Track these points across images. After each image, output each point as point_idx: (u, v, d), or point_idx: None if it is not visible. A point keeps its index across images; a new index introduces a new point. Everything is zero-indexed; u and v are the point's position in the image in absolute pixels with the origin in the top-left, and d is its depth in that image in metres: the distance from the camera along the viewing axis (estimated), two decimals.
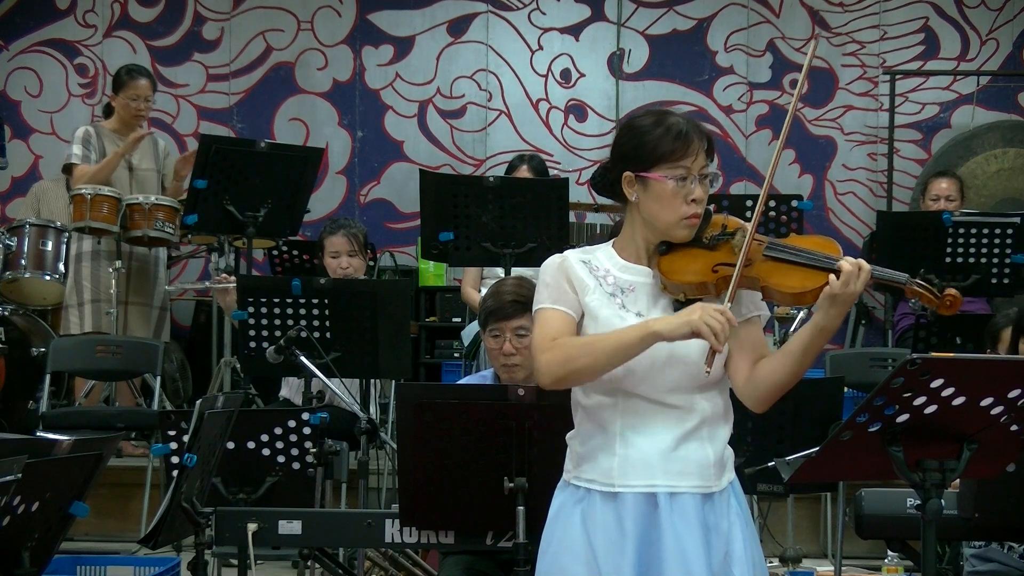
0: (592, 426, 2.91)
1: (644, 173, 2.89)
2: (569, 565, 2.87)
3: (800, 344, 2.82)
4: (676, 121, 2.90)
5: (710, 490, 2.89)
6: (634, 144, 2.91)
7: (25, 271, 7.17)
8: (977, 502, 3.66)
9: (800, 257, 2.85)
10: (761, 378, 2.87)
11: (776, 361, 2.87)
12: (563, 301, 2.92)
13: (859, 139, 8.80)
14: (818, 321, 2.79)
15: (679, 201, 2.87)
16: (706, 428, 2.90)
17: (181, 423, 4.19)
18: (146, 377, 6.85)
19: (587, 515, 2.88)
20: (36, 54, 8.92)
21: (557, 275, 2.94)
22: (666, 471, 2.85)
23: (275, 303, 5.21)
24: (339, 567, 4.15)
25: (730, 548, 2.87)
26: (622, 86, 8.87)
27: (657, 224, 2.91)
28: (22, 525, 2.78)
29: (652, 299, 2.92)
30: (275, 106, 8.87)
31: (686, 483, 2.86)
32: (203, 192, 6.25)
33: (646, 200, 2.91)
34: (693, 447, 2.88)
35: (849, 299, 2.77)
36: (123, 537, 6.27)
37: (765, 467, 4.27)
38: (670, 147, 2.87)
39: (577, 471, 2.93)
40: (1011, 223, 6.23)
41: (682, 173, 2.87)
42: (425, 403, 3.54)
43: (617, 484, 2.86)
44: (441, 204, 5.84)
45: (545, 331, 2.90)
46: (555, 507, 2.97)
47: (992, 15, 8.80)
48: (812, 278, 2.81)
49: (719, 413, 2.93)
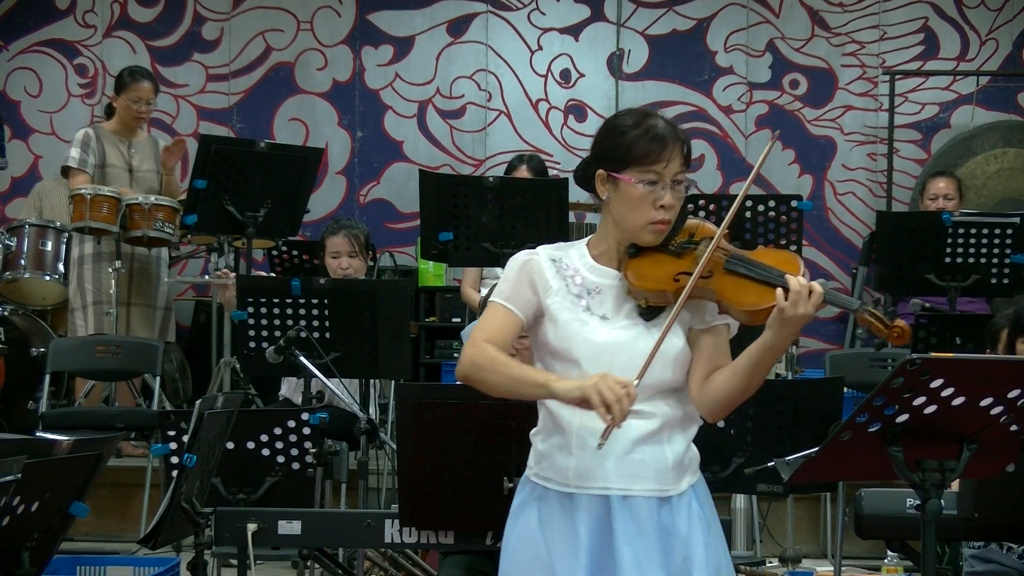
0: (552, 425, 2.90)
1: (616, 173, 2.87)
2: (525, 563, 2.87)
3: (750, 361, 2.79)
4: (655, 124, 2.87)
5: (667, 493, 2.87)
6: (610, 143, 2.90)
7: (25, 271, 7.17)
8: (977, 502, 3.66)
9: (757, 272, 2.81)
10: (712, 389, 2.85)
11: (727, 375, 2.84)
12: (516, 300, 2.90)
13: (859, 139, 8.80)
14: (767, 339, 2.76)
15: (647, 205, 2.84)
16: (667, 432, 2.88)
17: (181, 423, 4.19)
18: (146, 377, 6.85)
19: (544, 514, 2.88)
20: (36, 54, 8.92)
21: (519, 273, 2.93)
22: (620, 474, 2.84)
23: (275, 303, 5.21)
24: (339, 567, 4.15)
25: (690, 551, 2.85)
26: (622, 86, 8.87)
27: (624, 226, 2.89)
28: (22, 525, 2.77)
29: (618, 302, 2.90)
30: (275, 106, 8.87)
31: (640, 486, 2.84)
32: (203, 192, 6.25)
33: (616, 200, 2.89)
34: (650, 450, 2.85)
35: (798, 320, 2.72)
36: (123, 537, 6.27)
37: (765, 467, 4.27)
38: (644, 150, 2.84)
39: (537, 468, 2.93)
40: (1011, 223, 6.23)
41: (653, 177, 2.84)
42: (425, 403, 3.55)
43: (572, 485, 2.86)
44: (441, 204, 5.84)
45: (485, 326, 2.91)
46: (516, 503, 2.96)
47: (992, 15, 8.80)
48: (767, 296, 2.76)
49: (680, 417, 2.90)
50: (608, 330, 2.85)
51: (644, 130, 2.86)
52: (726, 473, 4.38)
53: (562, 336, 2.87)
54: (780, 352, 2.79)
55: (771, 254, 2.88)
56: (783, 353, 2.81)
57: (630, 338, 2.82)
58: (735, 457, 4.37)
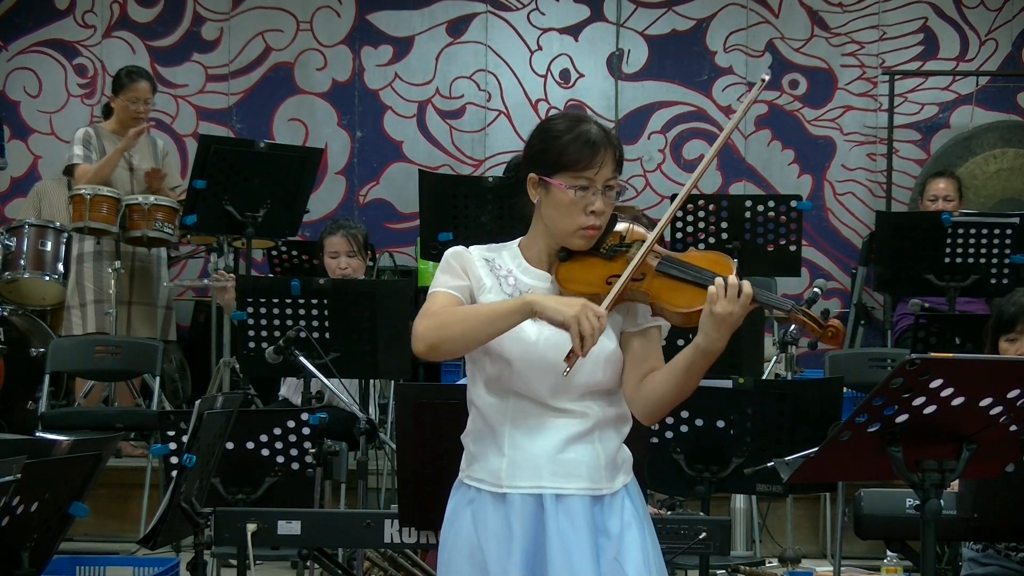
0: (483, 426, 2.90)
1: (547, 178, 2.85)
2: (461, 566, 2.86)
3: (683, 362, 2.77)
4: (587, 130, 2.85)
5: (599, 492, 2.86)
6: (542, 147, 2.88)
7: (24, 271, 7.17)
8: (976, 502, 3.66)
9: (688, 274, 2.80)
10: (647, 391, 2.84)
11: (661, 377, 2.83)
12: (456, 288, 2.89)
13: (858, 139, 8.80)
14: (699, 342, 2.73)
15: (577, 211, 2.83)
16: (598, 431, 2.87)
17: (180, 423, 4.19)
18: (145, 377, 6.85)
19: (477, 516, 2.87)
20: (35, 54, 8.92)
21: (454, 264, 2.92)
22: (553, 473, 2.83)
23: (274, 303, 5.21)
24: (338, 567, 4.15)
25: (621, 549, 2.84)
26: (621, 86, 8.87)
27: (554, 230, 2.88)
28: (21, 525, 2.78)
29: None
30: (274, 106, 8.87)
31: (573, 485, 2.83)
32: (202, 192, 6.26)
33: (547, 205, 2.88)
34: (582, 449, 2.84)
35: (727, 320, 2.69)
36: (122, 537, 6.27)
37: (764, 467, 4.27)
38: (575, 156, 2.82)
39: (469, 470, 2.92)
40: (1010, 223, 6.24)
41: (584, 183, 2.82)
42: (424, 403, 3.55)
43: (505, 485, 2.84)
44: (440, 204, 5.84)
45: (429, 305, 2.88)
46: (450, 507, 2.95)
47: (991, 15, 8.80)
48: (699, 297, 2.74)
49: (612, 418, 2.89)
50: (539, 328, 2.82)
51: (576, 135, 2.84)
52: (726, 473, 4.39)
53: None
54: (714, 355, 2.74)
55: (703, 256, 2.86)
56: (716, 356, 2.76)
57: (563, 338, 2.76)
58: (735, 457, 4.37)
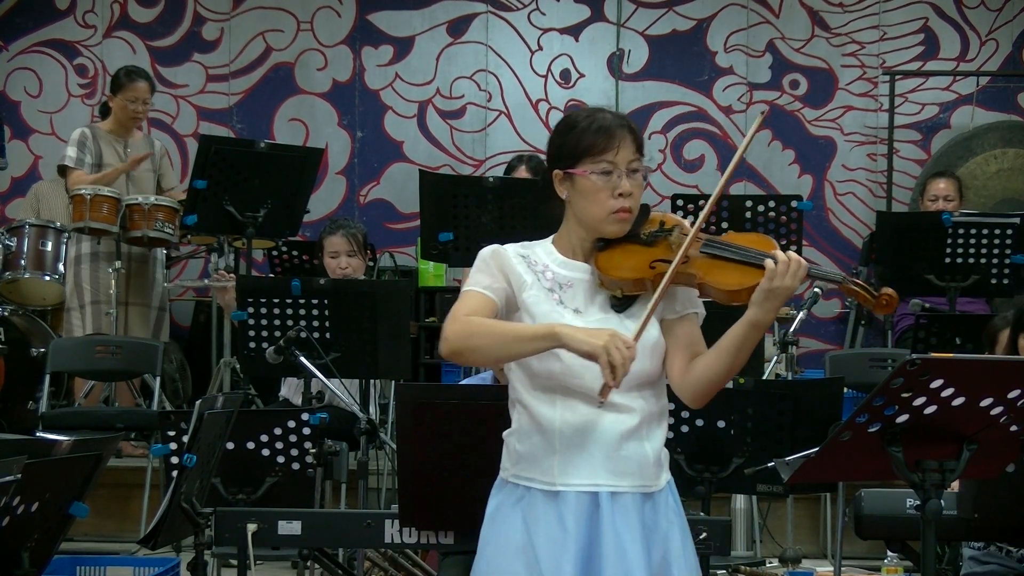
0: (531, 424, 2.89)
1: (570, 170, 2.88)
2: (509, 563, 2.85)
3: (734, 340, 2.81)
4: (600, 116, 2.89)
5: (650, 489, 2.88)
6: (560, 142, 2.91)
7: (25, 271, 7.17)
8: (977, 503, 3.66)
9: (736, 254, 2.84)
10: (696, 375, 2.86)
11: (711, 358, 2.85)
12: (491, 288, 2.89)
13: (859, 139, 8.80)
14: (751, 316, 2.78)
15: (606, 195, 2.85)
16: (645, 427, 2.88)
17: (181, 423, 4.19)
18: (145, 377, 6.85)
19: (528, 514, 2.86)
20: (36, 54, 8.92)
21: (491, 264, 2.92)
22: (608, 471, 2.84)
23: (275, 303, 5.21)
24: (339, 567, 4.15)
25: (668, 547, 2.86)
26: (622, 86, 8.87)
27: (587, 220, 2.90)
28: (22, 525, 2.77)
29: (590, 295, 2.90)
30: (275, 106, 8.87)
31: (627, 483, 2.85)
32: (203, 192, 6.25)
33: (575, 197, 2.90)
34: (633, 446, 2.86)
35: (782, 293, 2.75)
36: (122, 537, 6.27)
37: (765, 467, 4.27)
38: (591, 141, 2.85)
39: (516, 469, 2.91)
40: (1011, 223, 6.23)
41: (606, 167, 2.85)
42: (425, 403, 3.54)
43: (558, 483, 2.84)
44: (441, 205, 5.84)
45: (461, 306, 2.87)
46: (492, 507, 2.94)
47: (992, 15, 8.80)
48: (748, 275, 2.80)
49: (656, 413, 2.91)
50: (583, 322, 2.84)
51: (590, 122, 2.88)
52: (726, 473, 4.39)
53: None
54: (764, 328, 2.81)
55: (743, 236, 2.92)
56: (766, 330, 2.82)
57: None
58: (735, 457, 4.37)
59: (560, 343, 2.75)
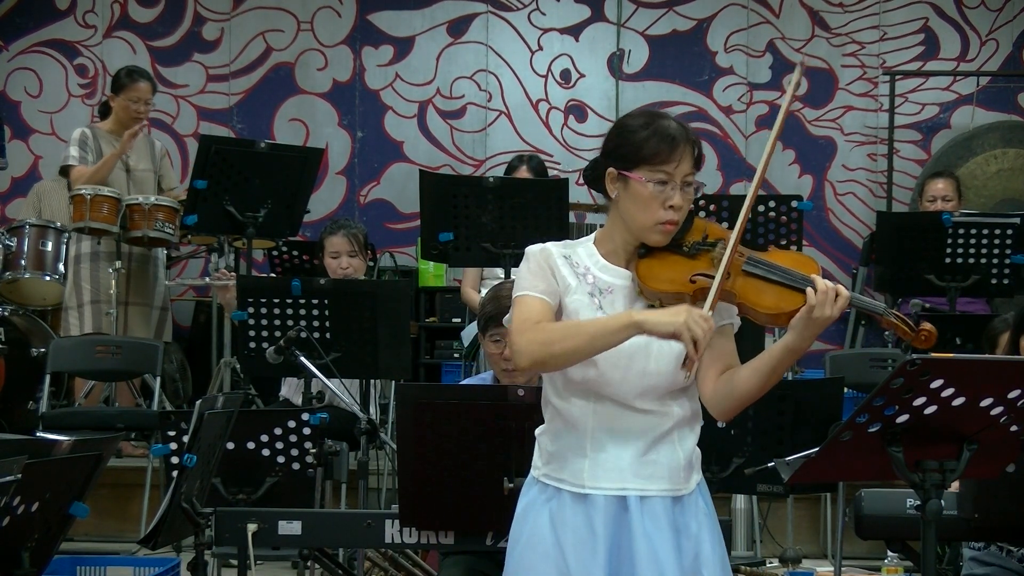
0: (563, 426, 2.89)
1: (626, 172, 2.86)
2: (537, 564, 2.86)
3: (769, 362, 2.79)
4: (667, 124, 2.86)
5: (679, 493, 2.89)
6: (620, 141, 2.89)
7: (25, 271, 7.17)
8: (977, 503, 3.65)
9: (777, 275, 2.81)
10: (727, 390, 2.86)
11: (744, 375, 2.84)
12: (545, 290, 2.88)
13: (859, 139, 8.80)
14: (789, 342, 2.75)
15: (656, 205, 2.83)
16: (677, 432, 2.89)
17: (181, 423, 4.19)
18: (146, 377, 6.85)
19: (556, 514, 2.87)
20: (36, 54, 8.92)
21: (542, 264, 2.90)
22: (637, 475, 2.84)
23: (275, 303, 5.21)
24: (339, 567, 4.15)
25: (699, 549, 2.87)
26: (622, 86, 8.87)
27: (632, 225, 2.88)
28: (22, 525, 2.77)
29: (629, 302, 2.89)
30: (275, 106, 8.87)
31: (656, 486, 2.85)
32: (203, 192, 6.25)
33: (625, 199, 2.88)
34: (664, 451, 2.87)
35: (822, 323, 2.72)
36: (123, 537, 6.27)
37: (765, 467, 4.27)
38: (654, 149, 2.83)
39: (547, 469, 2.92)
40: (1011, 223, 6.23)
41: (663, 177, 2.83)
42: (425, 404, 3.54)
43: (587, 486, 2.85)
44: (441, 204, 5.84)
45: (525, 314, 2.85)
46: (523, 504, 2.95)
47: (992, 15, 8.80)
48: (788, 299, 2.77)
49: (689, 417, 2.92)
50: None
51: (655, 130, 2.85)
52: (726, 473, 4.38)
53: None
54: (801, 354, 2.79)
55: (786, 256, 2.88)
56: (802, 355, 2.80)
57: (643, 339, 2.79)
58: (735, 457, 4.37)
59: (642, 329, 2.73)
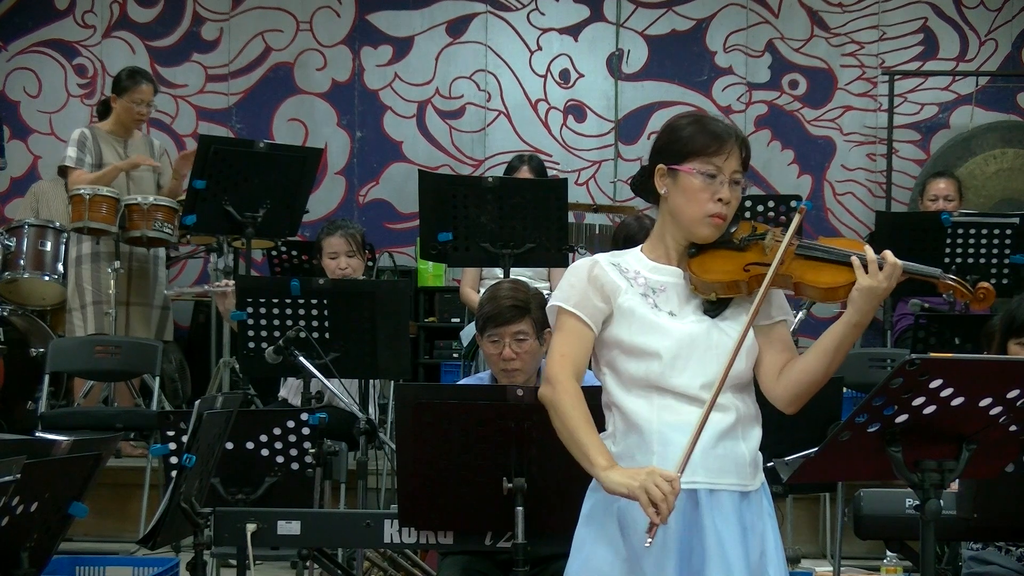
0: (627, 425, 2.91)
1: (675, 166, 2.92)
2: (605, 565, 2.87)
3: (834, 340, 2.85)
4: (715, 122, 2.96)
5: (747, 489, 2.91)
6: (670, 138, 2.96)
7: (24, 271, 7.17)
8: (976, 503, 3.65)
9: (830, 254, 2.90)
10: (794, 377, 2.90)
11: (809, 359, 2.89)
12: (584, 307, 2.92)
13: (858, 139, 8.80)
14: (851, 317, 2.82)
15: (706, 196, 2.90)
16: (741, 427, 2.92)
17: (180, 423, 4.19)
18: (145, 378, 6.85)
19: (624, 513, 2.87)
20: (35, 54, 8.92)
21: (585, 281, 2.94)
22: (707, 468, 2.86)
23: (274, 304, 5.20)
24: (338, 567, 4.14)
25: (765, 547, 2.90)
26: (621, 86, 8.87)
27: (682, 219, 2.93)
28: (21, 525, 2.77)
29: (683, 299, 2.93)
30: (274, 106, 8.87)
31: (725, 480, 2.88)
32: (202, 192, 6.25)
33: (674, 193, 2.93)
34: (730, 445, 2.89)
35: (881, 294, 2.80)
36: (122, 537, 6.27)
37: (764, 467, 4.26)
38: (704, 142, 2.90)
39: None
40: (1010, 223, 6.24)
41: (712, 170, 2.90)
42: (424, 403, 3.54)
43: None
44: (440, 205, 5.84)
45: (566, 348, 2.92)
46: (588, 507, 2.97)
47: (991, 15, 8.80)
48: (843, 274, 2.85)
49: (752, 414, 2.95)
50: (681, 324, 2.89)
51: (703, 125, 2.94)
52: None
53: (639, 331, 2.89)
54: (863, 328, 2.85)
55: (835, 240, 2.99)
56: (865, 329, 2.85)
57: (703, 331, 2.87)
58: None
59: (595, 477, 2.82)
